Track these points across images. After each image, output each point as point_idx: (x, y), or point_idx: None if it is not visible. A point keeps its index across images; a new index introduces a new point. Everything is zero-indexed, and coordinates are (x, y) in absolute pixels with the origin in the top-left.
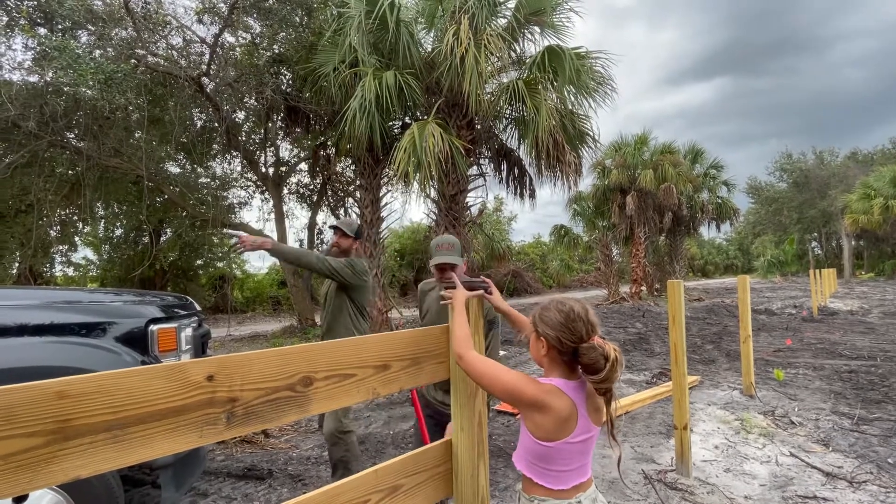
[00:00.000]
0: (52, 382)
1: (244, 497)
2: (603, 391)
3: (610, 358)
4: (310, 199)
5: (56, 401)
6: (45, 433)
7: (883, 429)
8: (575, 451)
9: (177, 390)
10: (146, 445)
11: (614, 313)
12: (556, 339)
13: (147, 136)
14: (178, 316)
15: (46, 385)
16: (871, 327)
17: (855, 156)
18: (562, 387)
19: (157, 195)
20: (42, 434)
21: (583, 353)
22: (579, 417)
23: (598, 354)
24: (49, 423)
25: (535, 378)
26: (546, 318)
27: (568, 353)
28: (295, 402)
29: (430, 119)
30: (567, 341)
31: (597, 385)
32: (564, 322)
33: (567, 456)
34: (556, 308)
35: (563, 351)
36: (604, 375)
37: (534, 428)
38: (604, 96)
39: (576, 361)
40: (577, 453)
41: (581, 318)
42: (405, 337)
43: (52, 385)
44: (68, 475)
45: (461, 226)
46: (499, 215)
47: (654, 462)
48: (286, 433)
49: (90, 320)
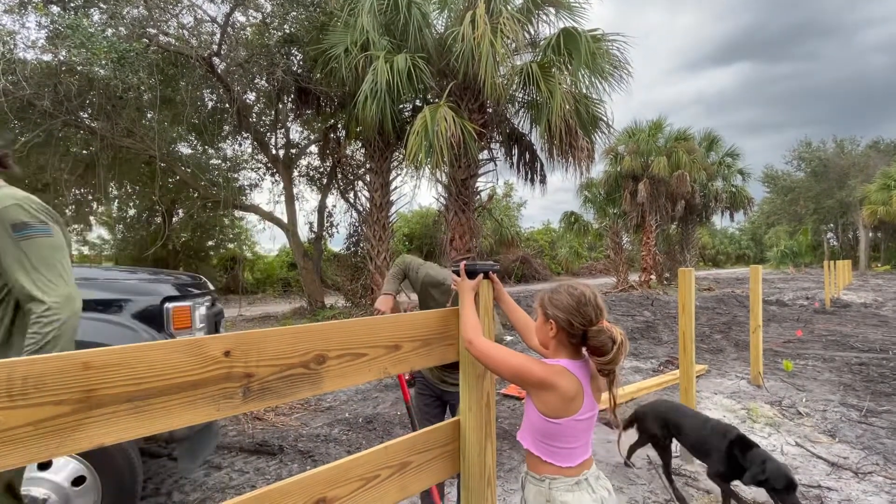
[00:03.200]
0: (78, 353)
1: (256, 471)
2: (607, 372)
3: (617, 341)
4: (320, 181)
5: (82, 371)
6: (71, 402)
7: (891, 421)
8: (580, 429)
9: (195, 364)
10: (166, 416)
11: (623, 301)
12: (566, 322)
13: (159, 117)
14: (192, 294)
15: (73, 356)
16: (884, 320)
17: (877, 145)
18: (569, 367)
19: (169, 176)
20: (69, 402)
21: (592, 336)
22: (585, 396)
23: (606, 337)
24: (75, 393)
25: (542, 360)
26: (556, 302)
27: (577, 335)
28: (308, 378)
29: (443, 102)
30: (577, 324)
31: (602, 366)
32: (576, 306)
33: (573, 433)
34: (567, 292)
35: (572, 333)
36: (610, 357)
37: (542, 406)
38: (619, 80)
39: (583, 344)
40: (582, 431)
41: (591, 303)
42: (416, 319)
43: (78, 356)
44: (93, 442)
45: (470, 211)
46: (508, 201)
47: None
48: (297, 411)
49: (108, 297)
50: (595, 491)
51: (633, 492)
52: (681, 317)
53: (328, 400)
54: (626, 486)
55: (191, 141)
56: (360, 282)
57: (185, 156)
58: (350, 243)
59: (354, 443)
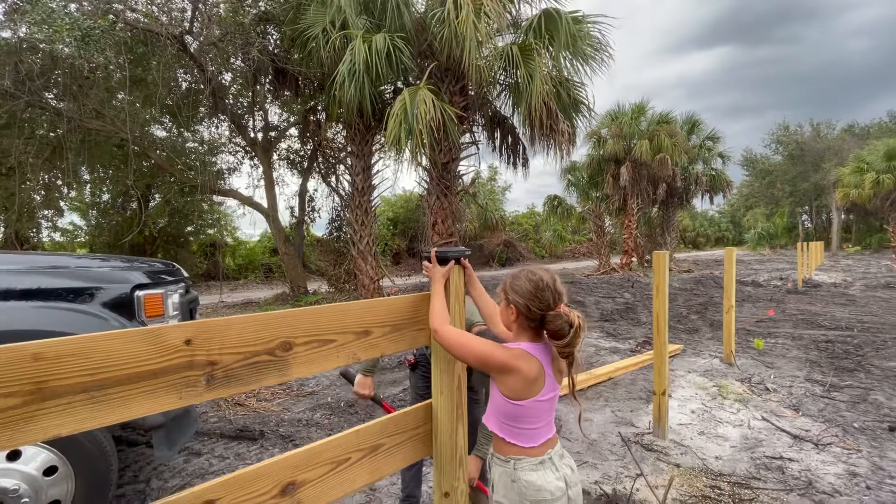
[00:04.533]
0: (28, 345)
1: (236, 456)
2: (566, 355)
3: (574, 325)
4: (300, 165)
5: (32, 363)
6: (22, 394)
7: (852, 395)
8: (542, 409)
9: (155, 353)
10: (125, 406)
11: (604, 283)
12: (524, 307)
13: (130, 98)
14: (164, 282)
15: (22, 347)
16: (851, 299)
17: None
18: (530, 350)
19: (143, 160)
20: (19, 395)
21: (549, 321)
22: (546, 377)
23: (563, 322)
24: (25, 384)
25: (504, 345)
26: (516, 287)
27: (536, 319)
28: (275, 365)
29: (423, 85)
30: (535, 309)
31: (561, 349)
32: (533, 291)
33: (536, 413)
34: (526, 277)
35: (530, 317)
36: (568, 340)
37: (505, 389)
38: (600, 63)
39: (542, 327)
40: (544, 411)
41: (549, 288)
42: (386, 304)
43: (27, 347)
44: (47, 434)
45: (452, 195)
46: (493, 185)
47: (632, 425)
48: (278, 396)
49: (77, 285)
50: (558, 469)
51: (606, 467)
52: (655, 299)
53: (310, 385)
54: (600, 462)
55: (165, 123)
56: (344, 267)
57: (159, 139)
58: (332, 228)
59: (336, 427)
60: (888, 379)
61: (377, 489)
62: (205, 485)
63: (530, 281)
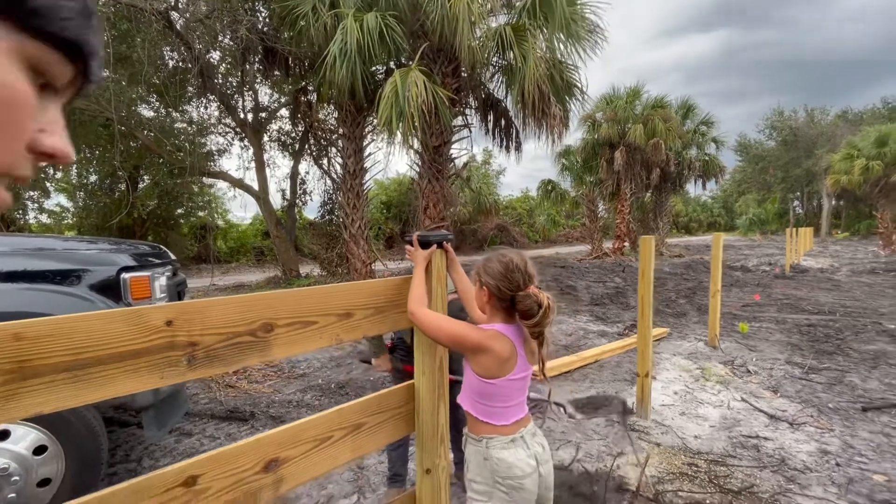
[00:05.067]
0: (8, 325)
1: (227, 436)
2: (536, 335)
3: (543, 305)
4: (291, 147)
5: (13, 342)
6: (3, 372)
7: (829, 377)
8: (514, 388)
9: (136, 334)
10: (108, 385)
11: (596, 268)
12: (495, 288)
13: (114, 76)
14: (151, 265)
15: (4, 327)
16: (836, 284)
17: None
18: (502, 331)
19: (130, 140)
20: (2, 373)
21: (519, 301)
22: (518, 357)
23: (532, 302)
24: (6, 364)
25: (478, 326)
26: (488, 269)
27: (506, 300)
28: (256, 346)
29: (414, 66)
30: (505, 289)
31: (531, 329)
32: (504, 272)
33: (508, 392)
34: (497, 259)
35: (501, 298)
36: (537, 320)
37: (479, 368)
38: (594, 46)
39: (513, 308)
40: (516, 390)
41: (519, 269)
42: (369, 287)
43: (8, 327)
44: (29, 411)
45: (444, 178)
46: (487, 169)
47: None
48: (269, 378)
49: (63, 268)
50: (530, 447)
51: (590, 446)
52: (640, 283)
53: (301, 367)
54: (584, 441)
55: (152, 103)
56: (336, 251)
57: (146, 119)
58: (324, 211)
59: (326, 408)
60: (865, 362)
61: (365, 468)
62: (188, 461)
63: (501, 263)
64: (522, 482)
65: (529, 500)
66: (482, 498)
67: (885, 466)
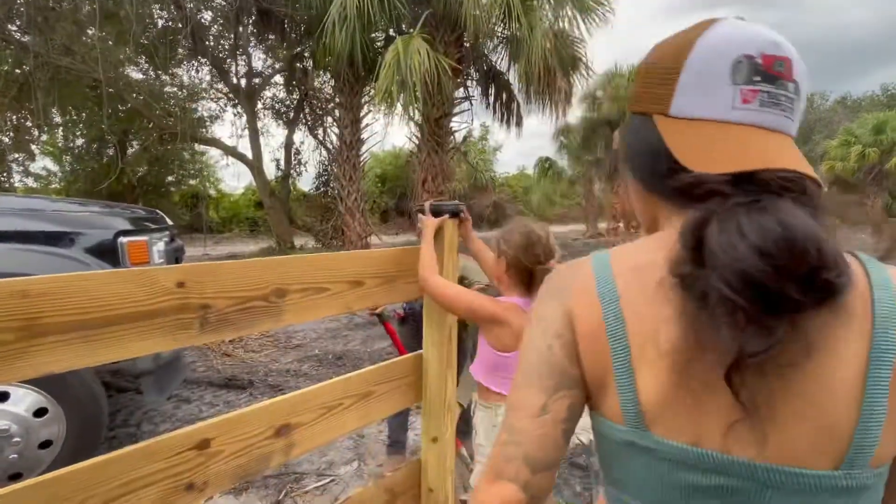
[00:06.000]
0: (13, 281)
1: (226, 403)
2: None
3: None
4: (286, 116)
5: (20, 299)
6: (13, 329)
7: None
8: None
9: (147, 295)
10: (119, 346)
11: (590, 248)
12: (515, 259)
13: (101, 34)
14: (148, 229)
15: (10, 283)
16: None
17: (844, 101)
18: (521, 304)
19: (119, 103)
20: (11, 330)
21: (539, 275)
22: None
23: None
24: (16, 321)
25: (495, 298)
26: (508, 239)
27: (525, 272)
28: (268, 312)
29: (416, 34)
30: (525, 262)
31: None
32: (525, 244)
33: None
34: (518, 231)
35: (520, 270)
36: None
37: (494, 340)
38: (602, 18)
39: (531, 282)
40: None
41: (541, 243)
42: (381, 255)
43: (14, 284)
44: (39, 370)
45: (444, 152)
46: (484, 144)
47: None
48: (266, 348)
49: (56, 229)
50: None
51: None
52: None
53: (298, 337)
54: None
55: (140, 64)
56: (331, 223)
57: (135, 81)
58: (319, 183)
59: (324, 377)
60: None
61: (365, 436)
62: (200, 424)
63: (522, 234)
64: None
65: None
66: None
67: None
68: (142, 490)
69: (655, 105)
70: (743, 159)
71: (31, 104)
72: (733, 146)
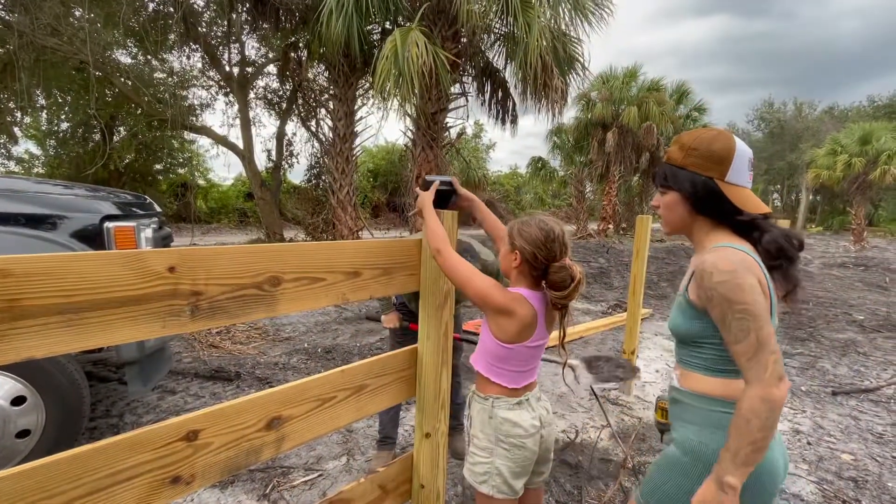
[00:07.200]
0: None
1: (212, 395)
2: (561, 306)
3: (576, 279)
4: (279, 106)
5: (1, 279)
6: None
7: (802, 362)
8: (529, 354)
9: (135, 279)
10: (105, 331)
11: (580, 248)
12: (531, 255)
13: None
14: (136, 215)
15: None
16: (809, 276)
17: (832, 110)
18: (528, 296)
19: (106, 87)
20: None
21: (553, 272)
22: (538, 325)
23: (566, 274)
24: None
25: (504, 287)
26: (525, 234)
27: (539, 268)
28: (262, 300)
29: (415, 25)
30: (542, 258)
31: (558, 300)
32: (543, 241)
33: (523, 358)
34: (537, 226)
35: (535, 266)
36: (567, 293)
37: (498, 331)
38: (599, 19)
39: (543, 277)
40: (531, 357)
41: (558, 239)
42: (378, 246)
43: None
44: (20, 355)
45: (438, 147)
46: (477, 142)
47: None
48: (254, 340)
49: (38, 212)
50: (535, 410)
51: (574, 418)
52: (634, 262)
53: (287, 330)
54: (568, 413)
55: (130, 49)
56: (322, 216)
57: (124, 65)
58: (311, 175)
59: (313, 371)
60: (835, 349)
61: (354, 430)
62: (189, 415)
63: (541, 230)
64: (524, 441)
65: (530, 458)
66: (483, 454)
67: (853, 447)
68: (126, 482)
69: (715, 173)
70: (760, 207)
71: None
72: (755, 200)
